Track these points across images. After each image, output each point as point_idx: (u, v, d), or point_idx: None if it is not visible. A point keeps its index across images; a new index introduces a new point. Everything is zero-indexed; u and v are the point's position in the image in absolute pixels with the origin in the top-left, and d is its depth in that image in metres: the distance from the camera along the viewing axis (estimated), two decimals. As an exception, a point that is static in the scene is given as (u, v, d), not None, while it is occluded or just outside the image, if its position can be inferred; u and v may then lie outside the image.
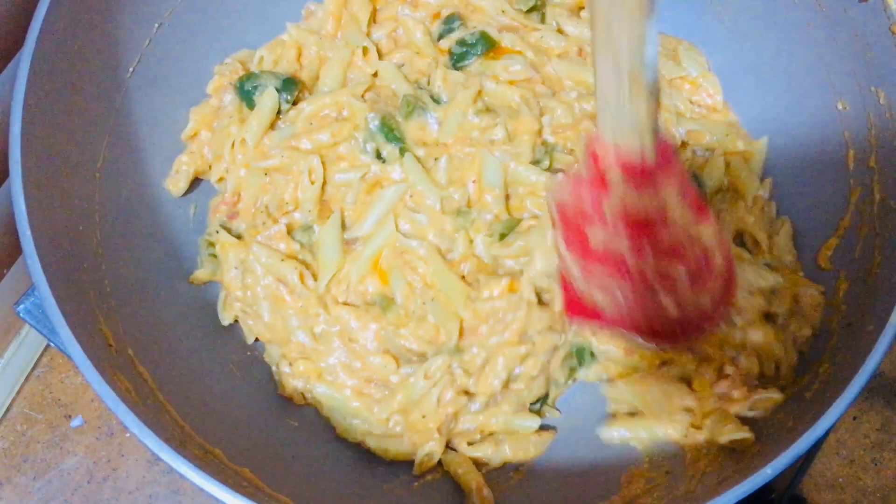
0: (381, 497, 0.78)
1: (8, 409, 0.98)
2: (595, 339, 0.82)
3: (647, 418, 0.79)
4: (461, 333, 0.81)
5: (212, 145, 0.91)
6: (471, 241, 0.85)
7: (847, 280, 0.76)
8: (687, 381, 0.80)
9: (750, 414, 0.76)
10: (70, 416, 0.98)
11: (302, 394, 0.84)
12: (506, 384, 0.81)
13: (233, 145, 0.90)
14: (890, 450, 1.00)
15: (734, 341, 0.78)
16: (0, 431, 0.97)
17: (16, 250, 0.92)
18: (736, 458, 0.72)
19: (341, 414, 0.83)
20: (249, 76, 0.92)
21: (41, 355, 1.01)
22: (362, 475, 0.80)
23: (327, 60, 0.96)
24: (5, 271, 0.92)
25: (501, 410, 0.81)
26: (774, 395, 0.75)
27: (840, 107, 0.80)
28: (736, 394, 0.77)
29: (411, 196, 0.87)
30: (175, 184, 0.89)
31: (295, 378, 0.83)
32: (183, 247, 0.89)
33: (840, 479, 0.99)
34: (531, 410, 0.83)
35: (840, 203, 0.80)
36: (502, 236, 0.85)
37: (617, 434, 0.79)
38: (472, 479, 0.79)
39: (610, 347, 0.82)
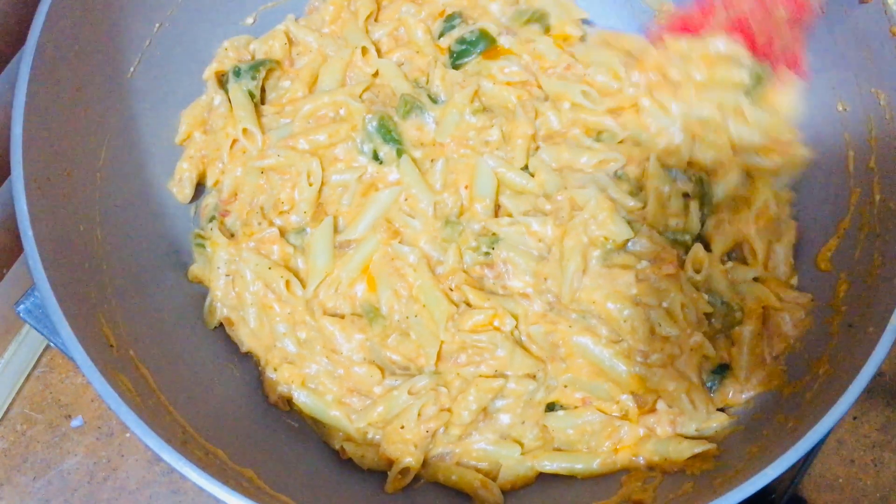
0: (382, 498, 0.78)
1: (8, 409, 0.98)
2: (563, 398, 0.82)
3: (580, 452, 0.80)
4: (439, 357, 0.80)
5: (207, 148, 0.91)
6: (461, 256, 0.85)
7: (847, 281, 0.77)
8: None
9: (696, 434, 0.78)
10: (70, 416, 0.98)
11: (287, 400, 0.83)
12: (485, 414, 0.80)
13: (232, 143, 0.90)
14: (890, 450, 1.00)
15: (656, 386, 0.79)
16: (0, 431, 0.97)
17: (16, 250, 0.92)
18: (734, 459, 0.73)
19: (322, 420, 0.82)
20: (229, 72, 0.93)
21: (41, 355, 1.01)
22: (363, 477, 0.80)
23: (327, 59, 0.96)
24: (5, 271, 0.92)
25: (484, 437, 0.80)
26: (717, 420, 0.78)
27: (840, 108, 0.80)
28: (659, 430, 0.79)
29: (406, 199, 0.87)
30: (181, 191, 0.90)
31: (279, 384, 0.83)
32: (183, 247, 0.89)
33: (840, 480, 0.99)
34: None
35: (840, 204, 0.80)
36: (486, 254, 0.84)
37: (556, 466, 0.79)
38: (474, 478, 0.78)
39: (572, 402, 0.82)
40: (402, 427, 0.78)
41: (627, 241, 0.83)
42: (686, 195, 0.87)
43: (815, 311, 0.79)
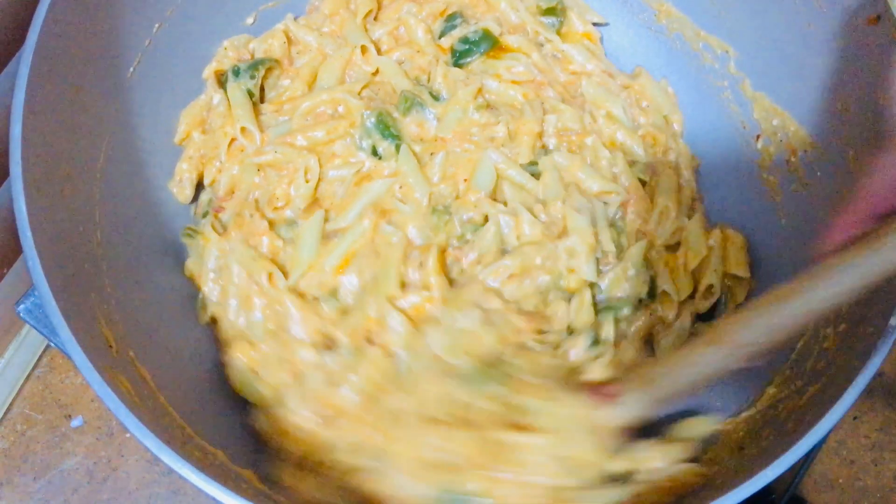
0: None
1: (8, 409, 0.98)
2: None
3: None
4: (364, 335, 0.78)
5: (205, 147, 0.91)
6: (447, 244, 0.84)
7: (847, 281, 0.76)
8: None
9: None
10: (70, 416, 0.98)
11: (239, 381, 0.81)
12: None
13: (230, 142, 0.90)
14: (890, 450, 1.00)
15: None
16: (0, 431, 0.97)
17: (16, 250, 0.92)
18: (733, 460, 0.72)
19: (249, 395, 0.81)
20: (228, 71, 0.93)
21: (41, 355, 1.01)
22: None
23: (327, 58, 0.96)
24: (5, 271, 0.92)
25: None
26: None
27: (839, 108, 0.80)
28: None
29: (401, 188, 0.86)
30: (181, 191, 0.90)
31: (236, 367, 0.81)
32: (183, 247, 0.89)
33: (840, 480, 0.99)
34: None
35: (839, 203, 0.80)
36: (468, 242, 0.84)
37: None
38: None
39: None
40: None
41: (583, 286, 0.82)
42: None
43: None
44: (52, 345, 0.89)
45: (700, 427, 0.77)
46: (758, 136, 0.92)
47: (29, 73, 0.68)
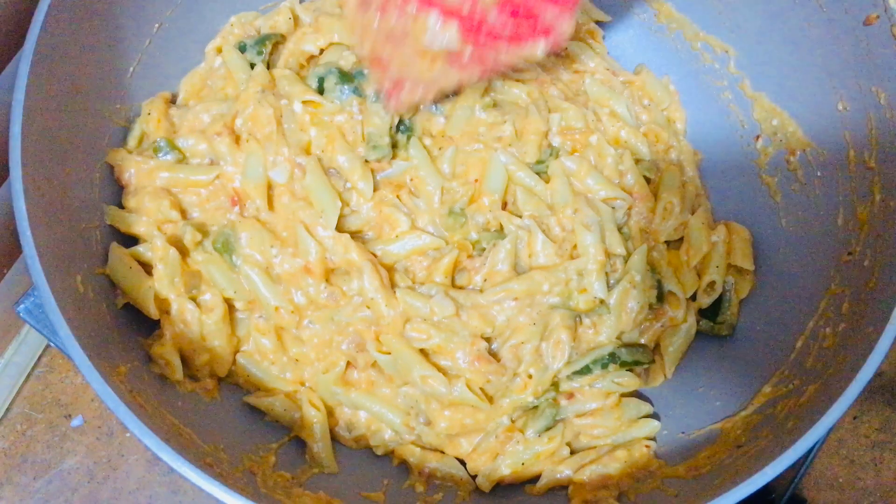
0: (392, 496, 0.78)
1: (8, 409, 0.98)
2: None
3: None
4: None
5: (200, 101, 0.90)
6: (469, 250, 0.84)
7: (847, 281, 0.76)
8: None
9: None
10: (70, 416, 0.98)
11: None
12: None
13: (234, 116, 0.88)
14: (890, 450, 1.00)
15: None
16: (0, 431, 0.97)
17: (16, 250, 0.92)
18: (733, 458, 0.73)
19: None
20: (234, 48, 0.91)
21: (41, 355, 1.01)
22: (360, 474, 0.80)
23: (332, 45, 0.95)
24: (5, 271, 0.92)
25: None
26: None
27: (840, 107, 0.80)
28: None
29: (412, 180, 0.86)
30: None
31: None
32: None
33: (840, 479, 0.99)
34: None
35: (840, 203, 0.80)
36: (482, 250, 0.84)
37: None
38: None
39: None
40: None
41: (594, 307, 0.83)
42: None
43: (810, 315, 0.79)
44: (52, 345, 0.89)
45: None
46: (757, 137, 0.92)
47: (28, 74, 0.68)
